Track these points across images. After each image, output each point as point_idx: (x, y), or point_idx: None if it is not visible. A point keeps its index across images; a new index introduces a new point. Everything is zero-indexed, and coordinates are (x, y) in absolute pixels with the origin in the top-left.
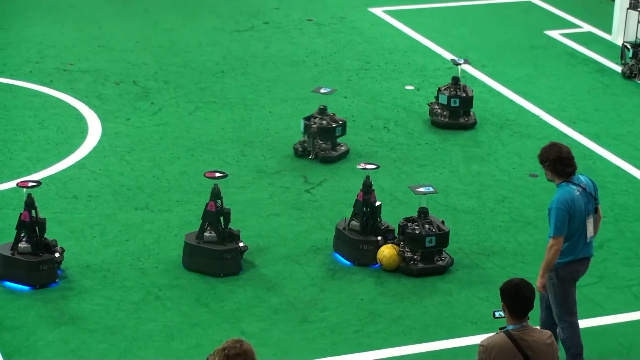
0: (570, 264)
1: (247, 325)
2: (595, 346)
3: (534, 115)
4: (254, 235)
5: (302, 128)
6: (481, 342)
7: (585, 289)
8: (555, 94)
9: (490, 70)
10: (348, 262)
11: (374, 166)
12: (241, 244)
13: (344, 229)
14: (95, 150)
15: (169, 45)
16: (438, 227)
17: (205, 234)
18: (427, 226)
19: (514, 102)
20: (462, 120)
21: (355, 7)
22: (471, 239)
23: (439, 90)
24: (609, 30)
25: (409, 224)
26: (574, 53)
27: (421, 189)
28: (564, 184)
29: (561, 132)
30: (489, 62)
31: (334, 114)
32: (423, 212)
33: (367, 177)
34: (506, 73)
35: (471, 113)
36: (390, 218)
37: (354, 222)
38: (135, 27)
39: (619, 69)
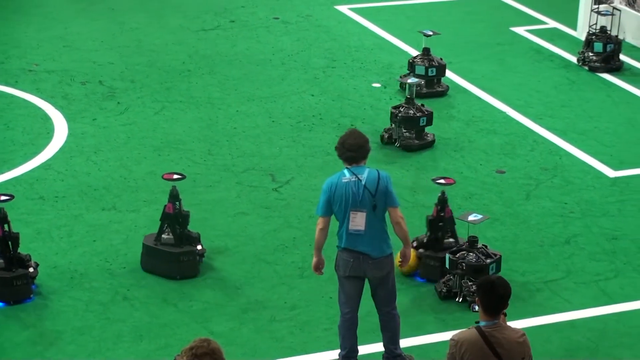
0: (341, 252)
1: (215, 325)
2: (563, 341)
3: (500, 111)
4: (222, 234)
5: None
6: (452, 336)
7: (553, 284)
8: (521, 90)
9: (456, 67)
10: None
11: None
12: (199, 247)
13: (417, 247)
14: (61, 150)
15: (135, 44)
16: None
17: (163, 236)
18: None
19: (480, 98)
20: (437, 88)
21: (322, 5)
22: None
23: (413, 62)
24: (574, 26)
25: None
26: (539, 49)
27: (471, 218)
28: (344, 169)
29: (527, 128)
30: (455, 59)
31: (422, 105)
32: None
33: (443, 192)
34: (472, 70)
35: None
36: None
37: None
38: (101, 27)
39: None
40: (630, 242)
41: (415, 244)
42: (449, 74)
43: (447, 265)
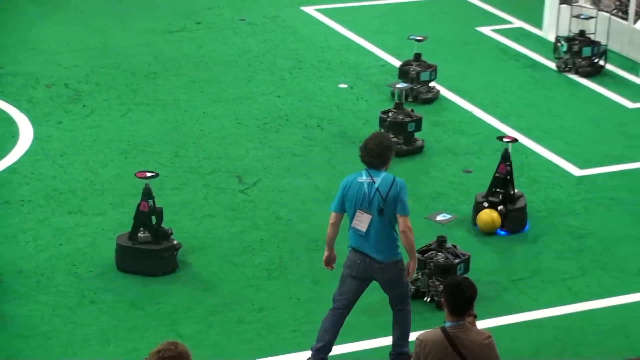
0: (350, 251)
1: (183, 328)
2: (531, 340)
3: (466, 111)
4: (189, 236)
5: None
6: (418, 336)
7: (520, 283)
8: (488, 89)
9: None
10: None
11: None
12: (175, 242)
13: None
14: (27, 154)
15: (101, 47)
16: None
17: (139, 234)
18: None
19: (447, 98)
20: (430, 96)
21: (288, 6)
22: None
23: (406, 69)
24: (539, 26)
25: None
26: (505, 49)
27: (439, 218)
28: (364, 169)
29: (494, 127)
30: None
31: (412, 110)
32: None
33: (506, 150)
34: (439, 70)
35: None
36: (326, 217)
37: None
38: (66, 29)
39: (550, 63)
40: (596, 240)
41: (487, 204)
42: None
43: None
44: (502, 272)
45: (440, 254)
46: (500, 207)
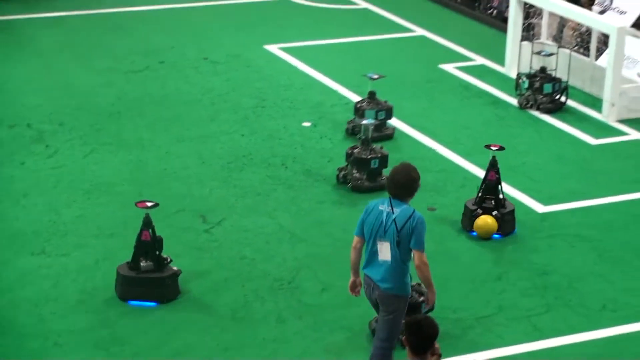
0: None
1: None
2: None
3: (430, 148)
4: None
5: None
6: None
7: (485, 320)
8: (451, 126)
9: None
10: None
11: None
12: (175, 268)
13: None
14: None
15: (64, 86)
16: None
17: (141, 263)
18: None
19: (409, 136)
20: (385, 132)
21: (251, 44)
22: None
23: (360, 107)
24: (501, 63)
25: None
26: (468, 86)
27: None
28: (388, 197)
29: (457, 164)
30: (385, 97)
31: (381, 147)
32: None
33: (493, 158)
34: (402, 107)
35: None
36: (290, 255)
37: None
38: (28, 69)
39: (513, 100)
40: (560, 276)
41: (481, 211)
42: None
43: None
44: (467, 309)
45: None
46: (495, 212)
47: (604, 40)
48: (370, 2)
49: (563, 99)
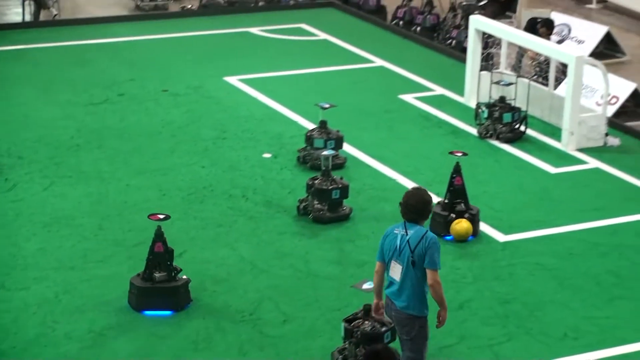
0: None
1: None
2: None
3: (390, 179)
4: (114, 309)
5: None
6: None
7: (447, 350)
8: (411, 156)
9: (346, 136)
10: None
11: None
12: (184, 277)
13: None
14: None
15: (22, 119)
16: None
17: (155, 274)
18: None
19: (370, 166)
20: (336, 161)
21: (211, 76)
22: (332, 305)
23: (310, 135)
24: (461, 92)
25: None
26: (427, 116)
27: (365, 286)
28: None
29: None
30: (345, 127)
31: (341, 178)
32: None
33: (457, 164)
34: (362, 138)
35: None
36: (252, 287)
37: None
38: None
39: (472, 130)
40: (521, 305)
41: (454, 215)
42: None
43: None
44: (429, 339)
45: (367, 322)
46: (466, 215)
47: (562, 70)
48: (329, 34)
49: (522, 128)
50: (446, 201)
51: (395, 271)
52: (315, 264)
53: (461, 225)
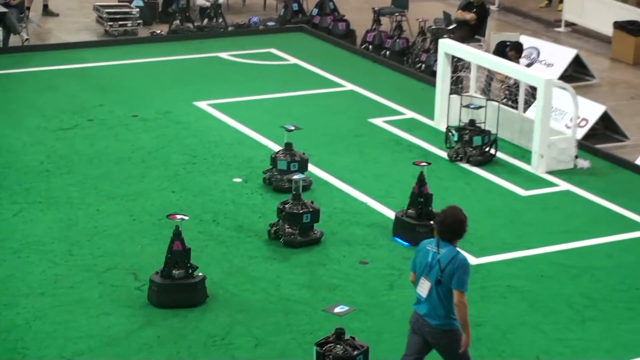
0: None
1: None
2: None
3: (361, 202)
4: (84, 335)
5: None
6: None
7: None
8: (382, 180)
9: (317, 159)
10: (406, 243)
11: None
12: (200, 274)
13: (402, 216)
14: None
15: None
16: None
17: (174, 272)
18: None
19: (341, 190)
20: (288, 185)
21: (181, 101)
22: (304, 329)
23: (275, 157)
24: (431, 116)
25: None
26: (398, 139)
27: (337, 310)
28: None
29: (389, 218)
30: (315, 152)
31: (312, 202)
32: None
33: (421, 173)
34: (332, 162)
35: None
36: (223, 311)
37: (410, 211)
38: None
39: (443, 153)
40: (493, 328)
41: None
42: (309, 166)
43: None
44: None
45: (338, 346)
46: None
47: (531, 93)
48: (299, 58)
49: (492, 151)
50: (410, 210)
51: (423, 288)
52: (287, 288)
53: None
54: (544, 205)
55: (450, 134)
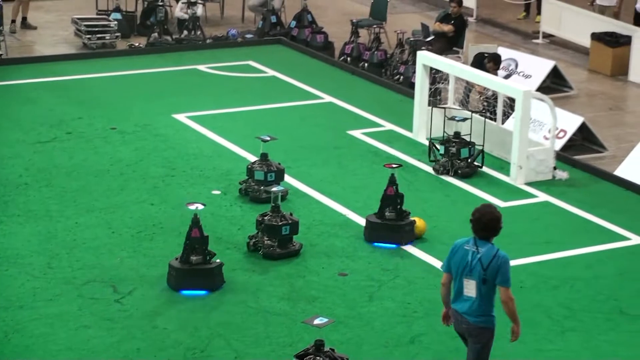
0: (452, 310)
1: None
2: None
3: (340, 214)
4: (63, 349)
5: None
6: None
7: None
8: (360, 192)
9: (295, 171)
10: (394, 245)
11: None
12: (218, 260)
13: (381, 219)
14: None
15: None
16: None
17: (192, 257)
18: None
19: (319, 202)
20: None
21: (159, 114)
22: (283, 341)
23: (251, 167)
24: (409, 128)
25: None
26: (377, 151)
27: (316, 322)
28: (473, 236)
29: None
30: (294, 164)
31: (290, 214)
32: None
33: (392, 175)
34: (311, 174)
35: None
36: (202, 324)
37: (388, 213)
38: None
39: (421, 165)
40: None
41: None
42: (288, 178)
43: None
44: None
45: (318, 357)
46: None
47: (510, 104)
48: (277, 70)
49: (476, 163)
50: (387, 212)
51: (470, 288)
52: (266, 300)
53: (421, 222)
54: (523, 216)
55: (434, 147)
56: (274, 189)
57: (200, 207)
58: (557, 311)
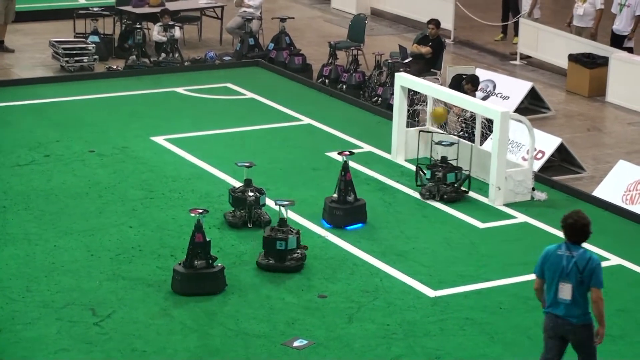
0: (546, 314)
1: None
2: None
3: (319, 236)
4: None
5: None
6: None
7: None
8: None
9: (274, 193)
10: (362, 224)
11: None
12: (220, 264)
13: (350, 202)
14: None
15: None
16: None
17: (195, 262)
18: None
19: (298, 223)
20: (262, 218)
21: (137, 136)
22: None
23: (233, 192)
24: (388, 150)
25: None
26: (355, 173)
27: (296, 344)
28: (564, 242)
29: (347, 251)
30: (273, 186)
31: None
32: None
33: (345, 162)
34: (290, 195)
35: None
36: (181, 346)
37: (349, 197)
38: None
39: (400, 186)
40: None
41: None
42: (268, 201)
43: None
44: None
45: None
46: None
47: (488, 126)
48: (256, 93)
49: (462, 187)
50: (335, 195)
51: (565, 292)
52: (245, 322)
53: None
54: (502, 237)
55: (421, 172)
56: (285, 202)
57: (205, 212)
58: (536, 332)
